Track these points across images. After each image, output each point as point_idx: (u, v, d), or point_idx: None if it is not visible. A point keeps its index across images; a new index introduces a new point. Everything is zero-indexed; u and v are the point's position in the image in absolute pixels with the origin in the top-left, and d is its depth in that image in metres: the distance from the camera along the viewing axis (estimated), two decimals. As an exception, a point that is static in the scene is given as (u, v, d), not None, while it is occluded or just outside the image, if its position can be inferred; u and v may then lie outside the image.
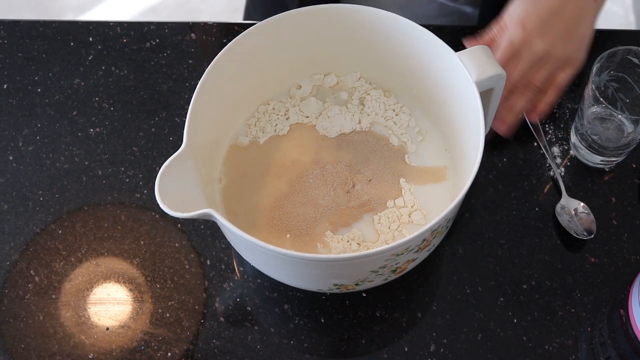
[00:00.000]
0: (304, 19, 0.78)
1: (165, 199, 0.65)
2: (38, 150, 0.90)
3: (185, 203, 0.66)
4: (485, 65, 0.73)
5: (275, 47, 0.79)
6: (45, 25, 0.99)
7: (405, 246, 0.66)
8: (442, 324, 0.79)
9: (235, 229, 0.65)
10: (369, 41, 0.81)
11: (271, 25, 0.77)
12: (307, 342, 0.79)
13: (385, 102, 0.85)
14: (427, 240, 0.69)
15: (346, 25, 0.79)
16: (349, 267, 0.68)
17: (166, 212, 0.64)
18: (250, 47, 0.77)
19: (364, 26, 0.79)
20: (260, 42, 0.78)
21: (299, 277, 0.73)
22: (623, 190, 0.86)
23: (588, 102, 0.82)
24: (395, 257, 0.68)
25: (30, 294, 0.81)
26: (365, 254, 0.65)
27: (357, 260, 0.66)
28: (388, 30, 0.79)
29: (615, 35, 0.98)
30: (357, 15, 0.78)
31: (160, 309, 0.80)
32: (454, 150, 0.81)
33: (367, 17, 0.78)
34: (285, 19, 0.77)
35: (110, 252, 0.84)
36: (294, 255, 0.65)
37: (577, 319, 0.79)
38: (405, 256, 0.69)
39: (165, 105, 0.92)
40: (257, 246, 0.65)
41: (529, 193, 0.86)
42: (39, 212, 0.86)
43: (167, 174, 0.66)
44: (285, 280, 0.75)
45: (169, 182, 0.66)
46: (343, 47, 0.83)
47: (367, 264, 0.68)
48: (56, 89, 0.94)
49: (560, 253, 0.83)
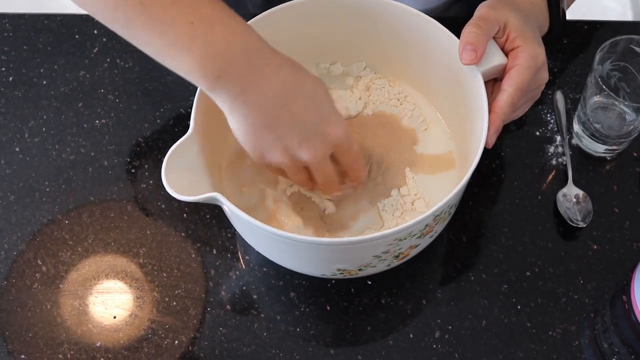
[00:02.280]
0: (309, 7, 0.79)
1: (172, 183, 0.65)
2: (44, 142, 0.90)
3: (191, 187, 0.66)
4: (491, 55, 0.73)
5: (281, 35, 0.80)
6: (50, 18, 0.99)
7: (408, 231, 0.67)
8: (446, 310, 0.80)
9: (240, 212, 0.65)
10: (374, 30, 0.81)
11: (277, 14, 0.78)
12: (313, 330, 0.79)
13: (389, 91, 0.86)
14: (430, 226, 0.70)
15: (352, 14, 0.80)
16: (352, 252, 0.69)
17: (173, 195, 0.65)
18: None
19: (369, 15, 0.80)
20: (265, 31, 0.78)
21: (303, 261, 0.74)
22: (624, 179, 0.87)
23: (591, 91, 0.83)
24: (398, 242, 0.69)
25: (37, 284, 0.82)
26: (368, 238, 0.65)
27: (360, 244, 0.67)
28: (393, 19, 0.79)
29: (616, 27, 0.98)
30: (363, 3, 0.79)
31: (167, 298, 0.81)
32: (457, 139, 0.82)
33: (373, 6, 0.79)
34: (292, 7, 0.78)
35: (116, 242, 0.84)
36: (298, 238, 0.66)
37: (580, 305, 0.80)
38: (408, 241, 0.70)
39: (170, 97, 0.93)
40: (261, 230, 0.66)
41: (532, 182, 0.87)
42: (46, 202, 0.87)
43: (174, 159, 0.67)
44: (289, 265, 0.76)
45: (175, 167, 0.67)
46: (348, 36, 0.83)
47: (370, 248, 0.68)
48: (62, 81, 0.95)
49: (563, 240, 0.83)
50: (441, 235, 0.83)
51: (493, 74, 0.75)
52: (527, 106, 0.79)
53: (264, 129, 0.65)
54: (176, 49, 0.61)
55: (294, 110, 0.64)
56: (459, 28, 0.73)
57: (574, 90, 0.93)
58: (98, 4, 0.60)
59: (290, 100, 0.64)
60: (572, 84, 0.93)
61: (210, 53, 0.61)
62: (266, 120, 0.64)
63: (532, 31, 0.75)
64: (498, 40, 0.75)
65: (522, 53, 0.73)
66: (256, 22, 0.76)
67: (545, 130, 0.90)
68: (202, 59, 0.61)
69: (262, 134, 0.65)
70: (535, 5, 0.80)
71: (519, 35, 0.73)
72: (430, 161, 0.82)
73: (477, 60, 0.72)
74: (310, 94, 0.66)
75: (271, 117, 0.64)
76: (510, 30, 0.74)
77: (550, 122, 0.90)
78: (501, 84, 0.73)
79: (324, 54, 0.86)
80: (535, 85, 0.76)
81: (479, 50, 0.71)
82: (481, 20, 0.73)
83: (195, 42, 0.61)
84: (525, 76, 0.72)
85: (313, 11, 0.80)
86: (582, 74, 0.93)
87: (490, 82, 0.76)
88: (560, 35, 0.84)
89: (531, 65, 0.73)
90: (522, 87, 0.72)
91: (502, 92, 0.72)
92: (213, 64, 0.61)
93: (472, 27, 0.72)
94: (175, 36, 0.60)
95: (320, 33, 0.83)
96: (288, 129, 0.65)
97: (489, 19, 0.73)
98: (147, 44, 0.62)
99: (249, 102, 0.63)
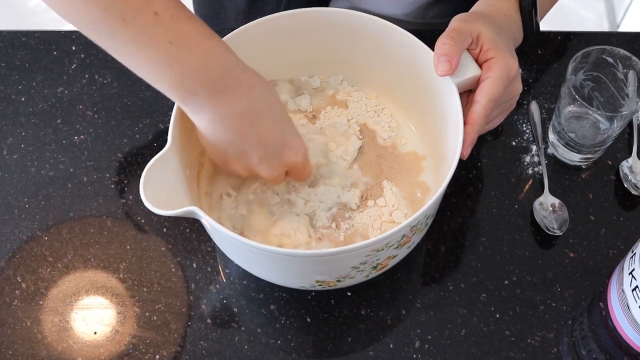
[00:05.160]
0: (287, 21, 0.80)
1: (150, 197, 0.66)
2: (23, 158, 0.90)
3: (169, 201, 0.67)
4: (465, 67, 0.74)
5: (259, 48, 0.80)
6: (28, 35, 0.99)
7: (385, 241, 0.67)
8: (426, 320, 0.80)
9: (218, 226, 0.66)
10: (350, 43, 0.82)
11: (255, 27, 0.78)
12: (294, 342, 0.80)
13: (367, 104, 0.86)
14: (407, 236, 0.71)
15: (328, 27, 0.81)
16: (330, 263, 0.69)
17: (151, 209, 0.65)
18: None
19: (344, 28, 0.81)
20: (241, 45, 0.79)
21: (282, 274, 0.74)
22: (600, 187, 0.88)
23: (565, 101, 0.84)
24: (376, 253, 0.69)
25: (17, 301, 0.82)
26: (345, 249, 0.66)
27: (337, 255, 0.67)
28: (369, 32, 0.80)
29: (589, 37, 1.00)
30: (337, 17, 0.80)
31: (147, 312, 0.81)
32: (433, 151, 0.83)
33: (347, 20, 0.80)
34: (267, 22, 0.79)
35: (96, 258, 0.84)
36: (275, 250, 0.66)
37: (558, 313, 0.81)
38: (386, 252, 0.70)
39: (148, 112, 0.93)
40: (239, 242, 0.66)
41: (509, 191, 0.88)
42: (25, 219, 0.87)
43: (152, 173, 0.68)
44: (268, 278, 0.77)
45: (153, 181, 0.67)
46: (325, 50, 0.84)
47: (348, 259, 0.69)
48: (40, 97, 0.95)
49: (540, 249, 0.84)
50: (420, 246, 0.84)
51: (467, 85, 0.75)
52: (502, 117, 0.79)
53: (229, 144, 0.68)
54: (155, 65, 0.63)
55: (260, 130, 0.68)
56: (433, 40, 0.74)
57: (548, 100, 0.94)
58: (83, 17, 0.61)
59: (257, 121, 0.67)
60: (546, 94, 0.94)
61: (187, 72, 0.63)
62: (232, 137, 0.68)
63: (506, 43, 0.76)
64: (472, 52, 0.75)
65: (495, 64, 0.74)
66: (232, 36, 0.77)
67: (521, 140, 0.91)
68: (179, 77, 0.63)
69: (227, 148, 0.69)
70: (509, 17, 0.81)
71: (492, 47, 0.74)
72: (406, 172, 0.82)
73: (452, 71, 0.73)
74: (278, 116, 0.69)
75: (238, 135, 0.67)
76: (483, 42, 0.75)
77: (525, 132, 0.92)
78: (474, 96, 0.74)
79: (302, 67, 0.87)
80: (509, 96, 0.77)
81: (453, 61, 0.72)
82: (454, 32, 0.74)
83: (173, 62, 0.62)
84: (498, 87, 0.73)
85: (291, 25, 0.80)
86: (557, 84, 0.95)
87: (465, 94, 0.77)
88: (534, 46, 0.85)
89: (504, 76, 0.74)
90: (495, 98, 0.73)
91: (476, 103, 0.73)
92: (189, 82, 0.64)
93: (445, 39, 0.73)
94: (154, 53, 0.62)
95: (297, 46, 0.83)
96: (252, 147, 0.69)
97: (461, 30, 0.74)
98: (127, 57, 0.64)
99: (218, 118, 0.66)
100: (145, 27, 0.61)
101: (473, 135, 0.73)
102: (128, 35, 0.61)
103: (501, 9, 0.81)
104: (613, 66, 0.84)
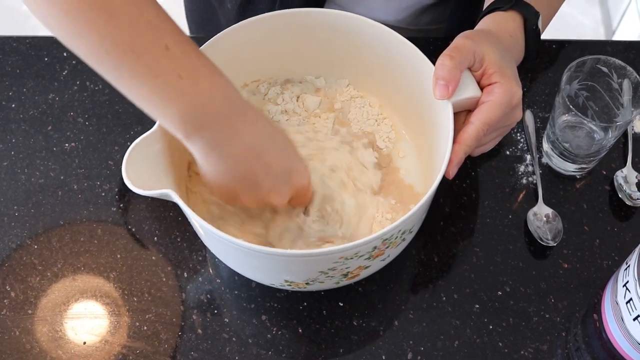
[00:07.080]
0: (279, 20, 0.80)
1: (131, 175, 0.67)
2: (13, 166, 0.90)
3: (149, 182, 0.68)
4: (464, 86, 0.73)
5: (248, 49, 0.80)
6: (18, 40, 0.99)
7: (354, 251, 0.67)
8: (418, 331, 0.80)
9: (190, 212, 0.67)
10: (355, 48, 0.82)
11: (244, 27, 0.79)
12: (285, 352, 0.79)
13: (368, 111, 0.86)
14: (379, 249, 0.70)
15: (330, 30, 0.81)
16: (297, 264, 0.70)
17: (129, 187, 0.66)
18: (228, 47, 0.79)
19: (348, 32, 0.81)
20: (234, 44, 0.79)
21: (253, 268, 0.74)
22: (594, 197, 0.88)
23: (559, 111, 0.83)
24: (345, 261, 0.69)
25: (6, 310, 0.81)
26: (311, 253, 0.66)
27: (304, 258, 0.67)
28: (373, 38, 0.80)
29: (584, 46, 0.99)
30: (337, 20, 0.80)
31: (137, 322, 0.80)
32: (424, 165, 0.83)
33: (348, 23, 0.80)
34: (263, 20, 0.79)
35: (86, 267, 0.83)
36: (241, 244, 0.66)
37: (552, 324, 0.80)
38: (356, 261, 0.70)
39: (140, 120, 0.92)
40: (209, 231, 0.67)
41: (502, 201, 0.87)
42: (15, 227, 0.86)
43: (137, 152, 0.69)
44: (242, 271, 0.77)
45: (137, 160, 0.68)
46: (330, 53, 0.85)
47: (315, 263, 0.69)
48: (30, 104, 0.94)
49: (534, 259, 0.84)
50: (413, 256, 0.83)
51: (465, 105, 0.74)
52: (496, 141, 0.79)
53: (237, 180, 0.69)
54: (161, 98, 0.62)
55: (267, 160, 0.68)
56: (427, 48, 0.74)
57: (543, 109, 0.93)
58: (92, 49, 0.60)
59: (263, 152, 0.68)
60: (541, 103, 0.94)
61: (194, 106, 0.63)
62: (240, 172, 0.68)
63: (510, 67, 0.75)
64: (474, 73, 0.74)
65: (498, 89, 0.73)
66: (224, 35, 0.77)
67: (516, 150, 0.90)
68: (186, 111, 0.63)
69: (235, 184, 0.69)
70: (514, 39, 0.80)
71: (497, 72, 0.73)
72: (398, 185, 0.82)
73: (449, 96, 0.72)
74: (281, 145, 0.70)
75: (245, 169, 0.68)
76: (487, 65, 0.74)
77: (520, 141, 0.91)
78: (470, 117, 0.73)
79: (303, 67, 0.87)
80: (507, 122, 0.76)
81: (451, 85, 0.72)
82: (455, 50, 0.73)
83: (182, 96, 0.62)
84: (496, 112, 0.73)
85: (293, 23, 0.81)
86: (551, 93, 0.94)
87: (464, 113, 0.76)
88: (533, 62, 0.85)
89: (504, 102, 0.73)
90: (490, 122, 0.73)
91: (470, 124, 0.73)
92: (195, 117, 0.63)
93: (445, 59, 0.72)
94: (162, 87, 0.61)
95: (298, 46, 0.84)
96: (260, 178, 0.69)
97: (463, 49, 0.73)
98: (132, 89, 0.63)
99: (225, 154, 0.66)
100: (155, 60, 0.60)
101: (460, 155, 0.72)
102: (137, 68, 0.60)
103: (508, 29, 0.80)
104: (608, 76, 0.83)
